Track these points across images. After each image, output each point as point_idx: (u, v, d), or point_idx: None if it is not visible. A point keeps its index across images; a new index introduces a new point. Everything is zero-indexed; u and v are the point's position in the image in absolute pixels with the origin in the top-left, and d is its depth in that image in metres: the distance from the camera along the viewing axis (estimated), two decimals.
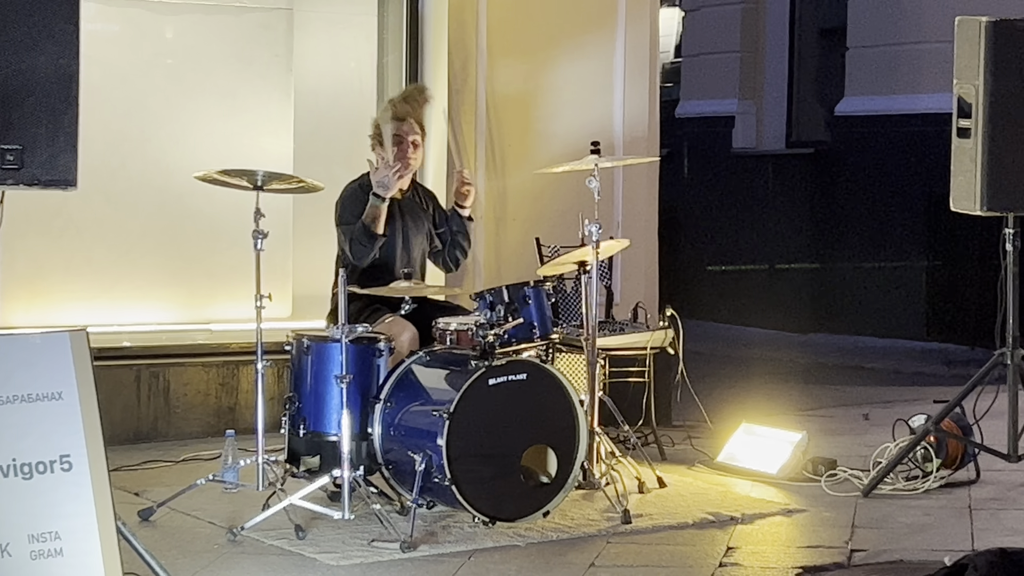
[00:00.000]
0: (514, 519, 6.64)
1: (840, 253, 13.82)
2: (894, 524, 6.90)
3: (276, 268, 8.52)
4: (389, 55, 9.83)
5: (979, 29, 7.33)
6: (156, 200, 9.24)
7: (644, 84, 9.99)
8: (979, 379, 7.59)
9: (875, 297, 13.44)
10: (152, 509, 6.78)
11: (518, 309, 7.08)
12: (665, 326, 8.43)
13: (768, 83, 15.02)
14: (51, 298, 8.87)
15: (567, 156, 8.32)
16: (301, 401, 6.89)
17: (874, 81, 13.61)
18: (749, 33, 15.09)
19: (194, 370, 8.66)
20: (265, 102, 9.49)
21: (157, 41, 9.32)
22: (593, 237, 7.31)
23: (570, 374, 7.91)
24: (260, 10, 9.51)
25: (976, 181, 7.35)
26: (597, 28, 9.88)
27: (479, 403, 6.56)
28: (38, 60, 5.93)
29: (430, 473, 6.50)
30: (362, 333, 6.80)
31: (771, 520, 7.00)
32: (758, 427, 8.13)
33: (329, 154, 9.54)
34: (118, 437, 7.79)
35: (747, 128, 15.11)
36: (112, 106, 8.98)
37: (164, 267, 9.26)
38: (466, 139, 9.45)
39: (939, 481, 7.56)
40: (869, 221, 13.56)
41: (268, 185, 6.94)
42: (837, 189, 13.94)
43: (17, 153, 5.89)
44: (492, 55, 9.52)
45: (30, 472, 5.34)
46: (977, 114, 7.33)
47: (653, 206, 10.11)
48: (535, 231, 9.18)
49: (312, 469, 6.83)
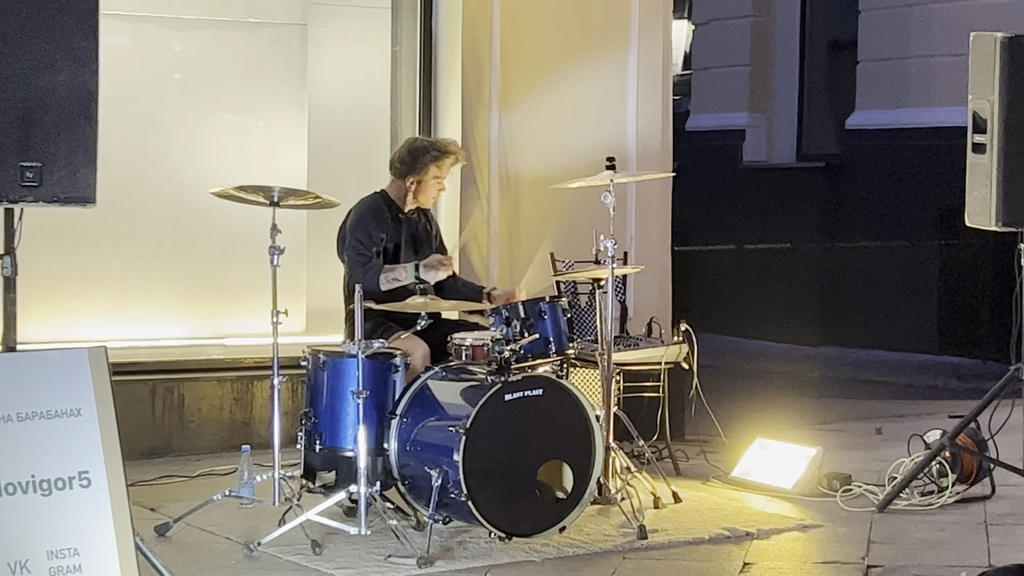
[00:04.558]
0: (530, 535, 6.64)
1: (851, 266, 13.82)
2: (910, 540, 6.90)
3: (290, 283, 8.52)
4: (403, 70, 9.85)
5: (994, 45, 7.33)
6: (171, 215, 9.26)
7: (657, 99, 10.00)
8: (994, 394, 7.58)
9: (886, 310, 13.44)
10: (168, 524, 6.79)
11: (534, 324, 7.11)
12: (679, 341, 8.44)
13: (778, 96, 15.03)
14: (66, 313, 8.88)
15: (581, 171, 8.32)
16: (317, 416, 6.90)
17: (885, 94, 13.62)
18: (759, 46, 15.11)
19: (209, 385, 8.68)
20: (279, 117, 9.51)
21: (171, 56, 9.34)
22: (608, 252, 7.32)
23: (585, 389, 7.92)
24: (274, 25, 9.53)
25: (991, 196, 7.34)
26: (610, 43, 9.89)
27: (495, 418, 6.56)
28: (57, 78, 5.94)
29: (446, 488, 6.50)
30: (378, 349, 6.81)
31: (787, 535, 7.00)
32: (773, 442, 8.13)
33: (343, 169, 9.57)
34: (133, 452, 7.78)
35: (758, 141, 15.13)
36: (127, 121, 9.00)
37: (179, 282, 9.27)
38: (480, 155, 9.46)
39: (954, 496, 7.55)
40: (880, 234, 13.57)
41: (284, 201, 6.94)
42: (848, 202, 13.95)
43: (36, 170, 5.91)
44: (506, 70, 9.54)
45: (49, 488, 5.35)
46: (992, 130, 7.33)
47: (666, 221, 10.12)
48: (549, 246, 9.20)
49: (328, 484, 6.84)
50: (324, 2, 9.92)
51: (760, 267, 14.53)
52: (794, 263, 14.28)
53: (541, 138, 9.65)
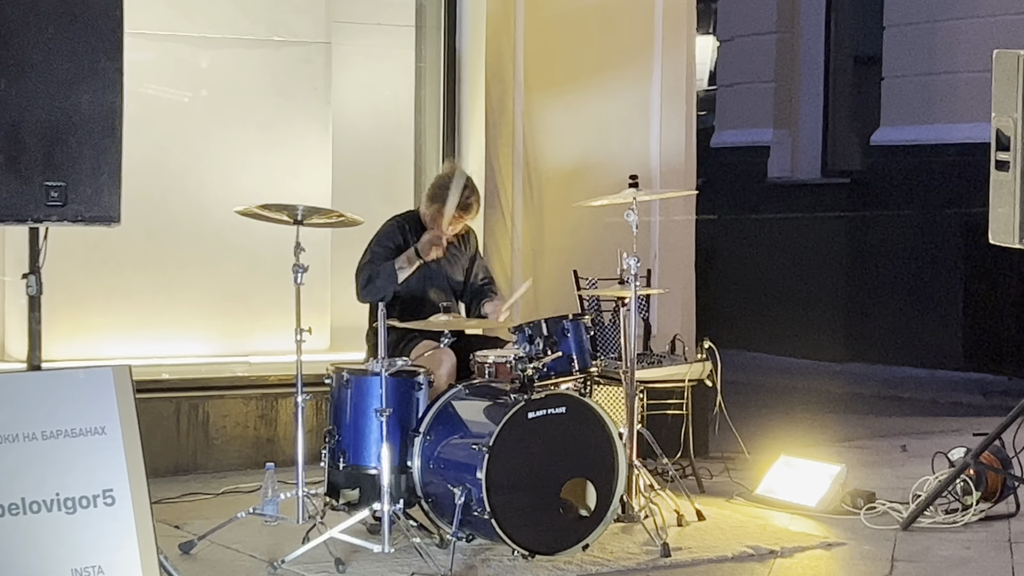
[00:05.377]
0: (553, 552, 6.63)
1: (876, 282, 13.81)
2: (934, 558, 6.88)
3: (315, 301, 8.54)
4: (427, 88, 9.87)
5: (1018, 62, 7.31)
6: (195, 233, 9.28)
7: (681, 116, 9.99)
8: (1019, 412, 7.55)
9: (911, 326, 13.42)
10: (193, 542, 6.80)
11: (557, 342, 7.11)
12: (703, 358, 8.44)
13: (803, 112, 15.03)
14: (91, 331, 8.91)
15: (605, 188, 8.32)
16: (341, 434, 6.91)
17: (910, 110, 13.62)
18: (784, 62, 15.11)
19: (233, 402, 8.70)
20: (304, 135, 9.53)
21: (196, 74, 9.37)
22: (631, 271, 7.33)
23: (609, 407, 7.93)
24: (299, 44, 9.56)
25: (1015, 214, 7.32)
26: (634, 60, 9.90)
27: (518, 436, 6.56)
28: (81, 97, 5.98)
29: (470, 506, 6.50)
30: (402, 367, 6.83)
31: (811, 553, 6.99)
32: (796, 459, 8.12)
33: (367, 186, 9.59)
34: (158, 469, 7.80)
35: (782, 157, 15.13)
36: (152, 139, 9.03)
37: (203, 300, 9.29)
38: (503, 172, 9.48)
39: (979, 514, 7.54)
40: (905, 250, 13.55)
41: (308, 219, 6.96)
42: (873, 218, 13.94)
43: (61, 190, 5.94)
44: (529, 88, 9.55)
45: (73, 507, 5.38)
46: (1016, 147, 7.31)
47: (690, 238, 10.11)
48: (573, 263, 9.19)
49: (352, 502, 6.85)
50: (349, 20, 9.95)
51: (785, 283, 14.51)
52: (819, 279, 14.26)
53: (565, 155, 9.66)
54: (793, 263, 14.48)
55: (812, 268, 14.32)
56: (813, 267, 14.31)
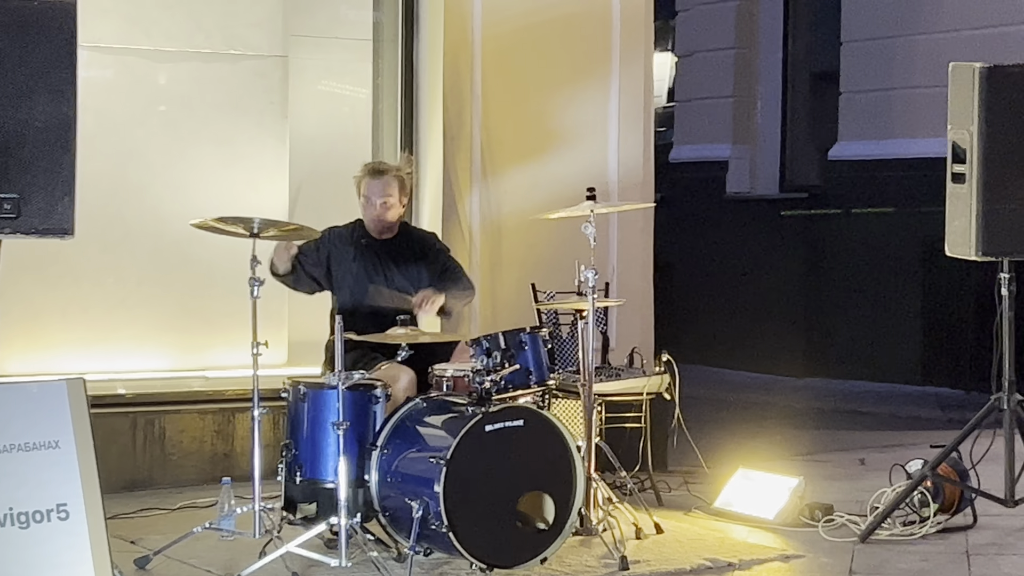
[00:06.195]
0: (511, 566, 6.61)
1: (834, 297, 13.84)
2: (892, 570, 6.89)
3: (272, 315, 8.51)
4: (384, 102, 9.86)
5: (973, 75, 7.35)
6: (152, 247, 9.24)
7: (639, 130, 10.01)
8: (975, 424, 7.58)
9: (870, 341, 13.46)
10: (148, 557, 6.75)
11: (514, 355, 7.09)
12: (661, 371, 8.44)
13: (762, 128, 15.07)
14: (47, 345, 8.86)
15: (562, 202, 8.31)
16: (298, 448, 6.88)
17: (867, 125, 13.66)
18: (742, 78, 15.14)
19: (190, 417, 8.65)
20: (261, 149, 9.50)
21: (152, 89, 9.34)
22: (589, 283, 7.32)
23: (567, 420, 7.91)
24: (255, 58, 9.53)
25: (971, 226, 7.36)
26: (592, 75, 9.91)
27: (476, 450, 6.54)
28: (34, 108, 5.92)
29: (427, 520, 6.48)
30: (359, 380, 6.80)
31: (769, 566, 6.99)
32: (755, 472, 8.12)
33: (324, 200, 9.56)
34: (114, 485, 7.76)
35: (741, 173, 15.16)
36: (109, 154, 9.00)
37: (160, 314, 9.25)
38: (461, 185, 9.47)
39: (936, 526, 7.55)
40: (863, 265, 13.59)
41: (264, 232, 6.92)
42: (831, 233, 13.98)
43: (14, 202, 5.89)
44: (487, 102, 9.55)
45: (27, 521, 5.34)
46: (972, 159, 7.34)
47: (648, 251, 10.11)
48: (531, 277, 9.19)
49: (309, 516, 6.81)
50: (305, 34, 9.93)
51: (743, 298, 14.54)
52: (777, 294, 14.29)
53: (523, 169, 9.66)
54: (751, 278, 14.50)
55: (770, 283, 14.34)
56: (771, 282, 14.33)
